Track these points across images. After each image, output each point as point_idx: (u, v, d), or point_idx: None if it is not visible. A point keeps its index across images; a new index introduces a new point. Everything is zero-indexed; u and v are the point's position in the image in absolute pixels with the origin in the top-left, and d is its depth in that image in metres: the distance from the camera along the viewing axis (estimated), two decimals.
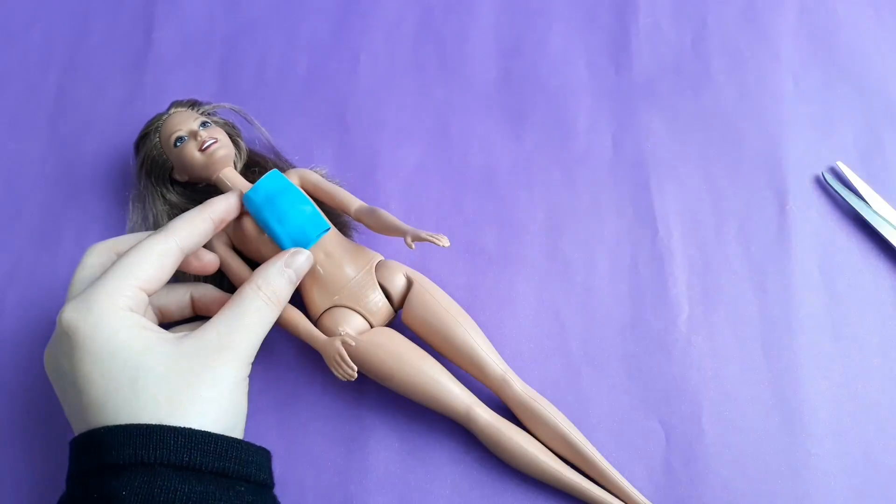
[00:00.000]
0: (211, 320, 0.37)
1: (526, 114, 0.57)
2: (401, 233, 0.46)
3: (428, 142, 0.57)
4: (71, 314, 0.35)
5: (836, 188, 0.53)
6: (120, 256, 0.38)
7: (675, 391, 0.48)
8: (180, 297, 0.45)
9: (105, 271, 0.37)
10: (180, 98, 0.54)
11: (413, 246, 0.45)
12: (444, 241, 0.44)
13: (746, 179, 0.55)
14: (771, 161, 0.55)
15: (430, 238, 0.44)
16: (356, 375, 0.43)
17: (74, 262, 0.53)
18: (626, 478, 0.46)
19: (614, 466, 0.45)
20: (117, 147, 0.58)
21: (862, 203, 0.53)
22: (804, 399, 0.48)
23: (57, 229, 0.55)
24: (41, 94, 0.60)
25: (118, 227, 0.55)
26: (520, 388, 0.46)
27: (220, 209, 0.43)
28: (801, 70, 0.58)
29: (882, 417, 0.48)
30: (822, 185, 0.54)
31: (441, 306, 0.46)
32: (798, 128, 0.56)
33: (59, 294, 0.53)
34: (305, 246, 0.46)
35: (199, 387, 0.34)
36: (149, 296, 0.38)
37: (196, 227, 0.41)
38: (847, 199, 0.53)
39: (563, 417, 0.45)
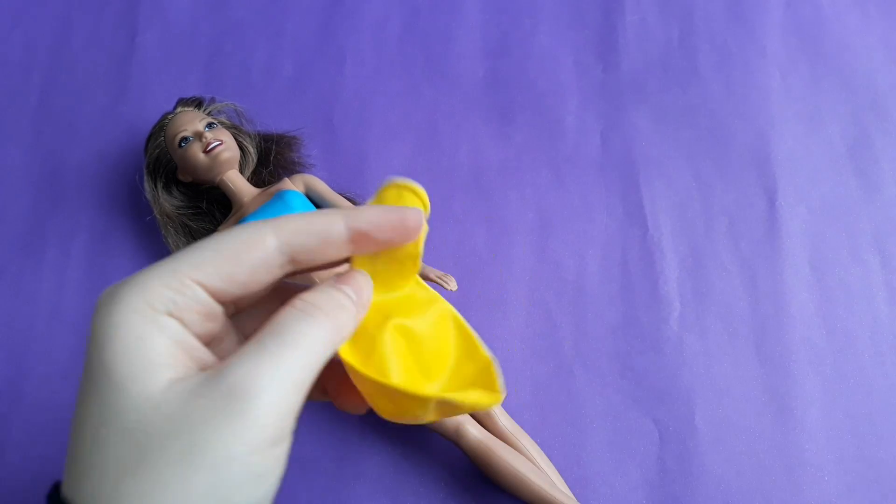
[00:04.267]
0: (235, 354, 0.23)
1: (514, 113, 0.57)
2: None
3: (416, 142, 0.57)
4: (98, 305, 0.24)
5: None
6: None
7: (667, 389, 0.48)
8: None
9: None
10: (185, 97, 0.54)
11: None
12: (452, 285, 0.46)
13: (735, 175, 0.55)
14: (759, 157, 0.55)
15: (438, 280, 0.46)
16: None
17: (59, 270, 0.53)
18: (621, 477, 0.45)
19: (608, 466, 0.45)
20: (102, 153, 0.57)
21: None
22: (796, 395, 0.48)
23: (42, 237, 0.54)
24: (24, 100, 0.60)
25: (104, 235, 0.54)
26: (504, 423, 0.45)
27: (368, 219, 0.26)
28: (787, 65, 0.58)
29: (874, 412, 0.48)
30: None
31: None
32: (786, 123, 0.56)
33: (43, 301, 0.52)
34: None
35: (187, 469, 0.21)
36: (218, 299, 0.25)
37: (315, 224, 0.26)
38: None
39: (544, 460, 0.45)
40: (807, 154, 0.55)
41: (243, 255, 0.25)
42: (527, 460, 0.44)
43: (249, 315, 0.30)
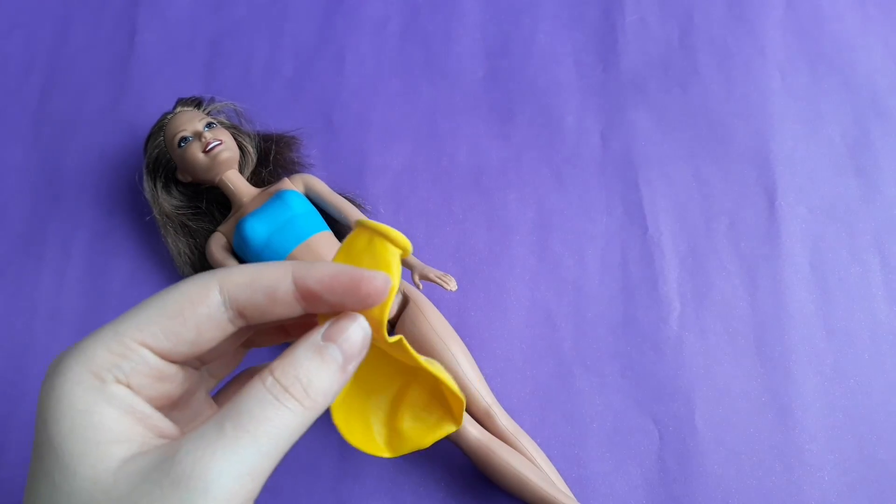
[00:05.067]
0: (192, 433, 0.22)
1: (514, 113, 0.57)
2: (407, 265, 0.47)
3: (415, 142, 0.57)
4: (45, 377, 0.23)
5: None
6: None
7: (667, 389, 0.48)
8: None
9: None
10: (184, 97, 0.54)
11: (420, 286, 0.46)
12: (452, 286, 0.45)
13: (735, 176, 0.55)
14: (759, 157, 0.55)
15: (438, 280, 0.45)
16: None
17: (59, 270, 0.53)
18: (621, 477, 0.45)
19: (608, 466, 0.45)
20: (102, 153, 0.57)
21: None
22: (796, 395, 0.48)
23: (42, 237, 0.54)
24: (23, 100, 0.60)
25: (104, 235, 0.54)
26: (504, 423, 0.45)
27: (317, 278, 0.24)
28: (787, 65, 0.58)
29: (874, 412, 0.48)
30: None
31: (433, 330, 0.46)
32: (786, 123, 0.56)
33: (43, 301, 0.52)
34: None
35: None
36: (168, 359, 0.24)
37: (262, 279, 0.24)
38: None
39: (543, 460, 0.45)
40: (807, 154, 0.55)
41: (187, 312, 0.23)
42: (527, 460, 0.44)
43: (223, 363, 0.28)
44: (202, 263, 0.51)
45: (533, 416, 0.48)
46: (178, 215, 0.52)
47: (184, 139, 0.50)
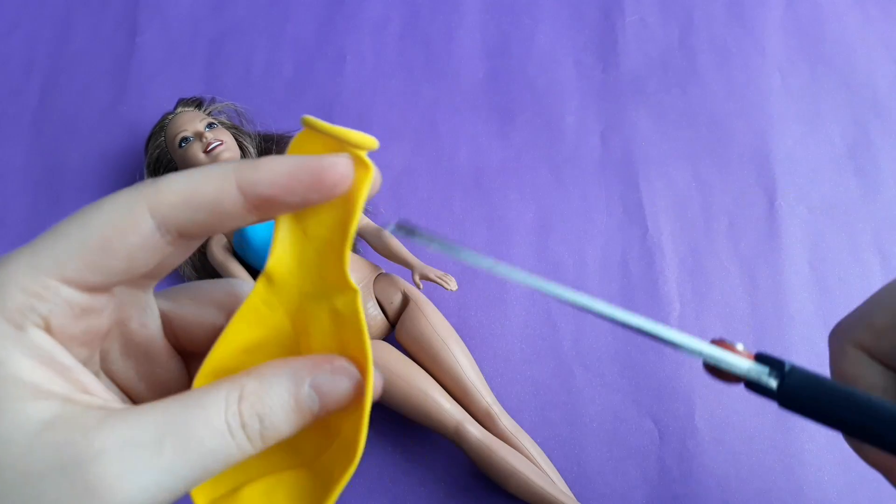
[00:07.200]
0: (122, 432, 0.19)
1: (514, 113, 0.57)
2: (408, 265, 0.47)
3: (416, 142, 0.57)
4: None
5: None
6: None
7: (667, 389, 0.48)
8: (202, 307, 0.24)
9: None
10: (185, 97, 0.54)
11: (421, 285, 0.47)
12: (452, 285, 0.46)
13: (735, 176, 0.55)
14: (759, 157, 0.55)
15: (438, 280, 0.46)
16: None
17: None
18: (621, 477, 0.45)
19: (608, 466, 0.45)
20: (102, 153, 0.57)
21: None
22: None
23: None
24: (24, 99, 0.60)
25: None
26: (504, 423, 0.45)
27: (271, 181, 0.20)
28: (787, 65, 0.58)
29: None
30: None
31: (433, 330, 0.46)
32: (785, 123, 0.56)
33: None
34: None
35: None
36: (95, 290, 0.20)
37: (201, 194, 0.20)
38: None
39: (544, 460, 0.45)
40: (807, 154, 0.55)
41: (116, 243, 0.20)
42: (527, 460, 0.44)
43: None
44: (203, 264, 0.51)
45: (533, 416, 0.48)
46: None
47: (185, 139, 0.50)
